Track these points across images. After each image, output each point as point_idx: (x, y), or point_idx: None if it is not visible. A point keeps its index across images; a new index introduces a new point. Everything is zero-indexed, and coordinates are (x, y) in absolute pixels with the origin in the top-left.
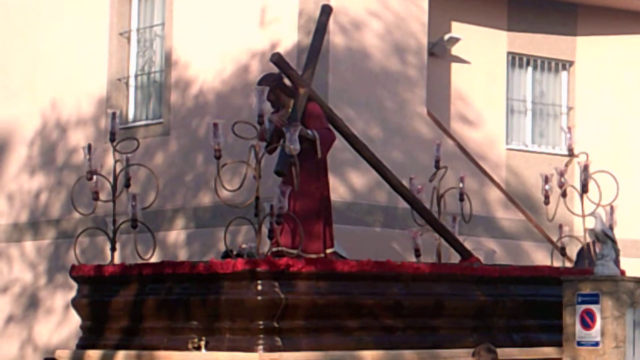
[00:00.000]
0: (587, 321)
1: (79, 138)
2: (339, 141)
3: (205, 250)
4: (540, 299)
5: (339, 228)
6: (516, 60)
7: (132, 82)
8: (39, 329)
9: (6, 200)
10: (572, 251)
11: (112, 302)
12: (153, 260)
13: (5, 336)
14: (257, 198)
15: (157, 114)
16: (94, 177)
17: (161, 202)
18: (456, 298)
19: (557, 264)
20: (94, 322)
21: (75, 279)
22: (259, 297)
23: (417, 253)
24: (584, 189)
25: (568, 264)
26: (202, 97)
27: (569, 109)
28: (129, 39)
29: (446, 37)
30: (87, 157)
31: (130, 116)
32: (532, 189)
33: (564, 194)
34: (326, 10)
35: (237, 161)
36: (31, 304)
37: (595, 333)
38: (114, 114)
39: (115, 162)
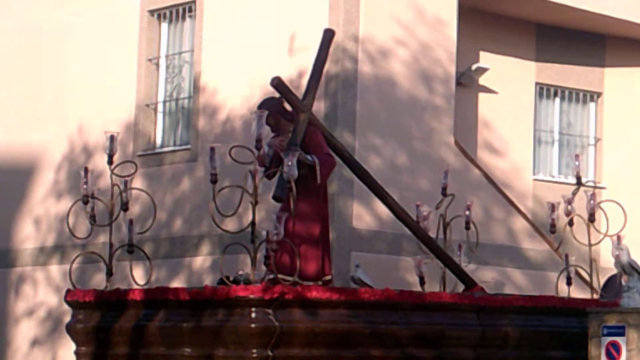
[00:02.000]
0: (613, 353)
1: (105, 163)
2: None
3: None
4: (546, 330)
5: (365, 256)
6: (544, 91)
7: (160, 108)
8: (63, 353)
9: (33, 224)
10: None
11: (106, 328)
12: (178, 285)
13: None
14: (252, 224)
15: (185, 140)
16: (91, 200)
17: (187, 227)
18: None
19: (581, 294)
20: (89, 348)
21: (69, 304)
22: (253, 325)
23: (422, 281)
24: (591, 218)
25: (595, 295)
26: (229, 123)
27: (597, 140)
28: (157, 65)
29: (474, 66)
30: (84, 180)
31: (158, 142)
32: (558, 219)
33: (570, 223)
34: (328, 35)
35: (232, 186)
36: (56, 328)
37: None
38: (112, 136)
39: (113, 186)
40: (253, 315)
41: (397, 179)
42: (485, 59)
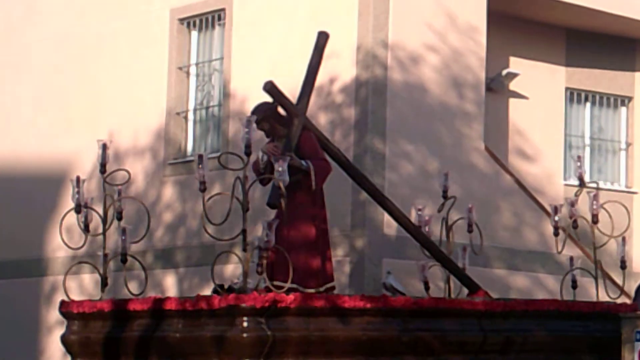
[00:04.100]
0: None
1: (136, 172)
2: (397, 174)
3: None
4: (550, 334)
5: (396, 262)
6: (574, 96)
7: (190, 115)
8: None
9: (65, 233)
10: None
11: (100, 338)
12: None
13: None
14: (243, 231)
15: (216, 148)
16: (84, 210)
17: (218, 235)
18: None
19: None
20: (84, 359)
21: (64, 314)
22: (245, 334)
23: (426, 286)
24: (594, 220)
25: (616, 296)
26: (259, 131)
27: (628, 144)
28: (187, 73)
29: (504, 72)
30: (76, 189)
31: (189, 150)
32: (589, 224)
33: (574, 225)
34: (322, 38)
35: (221, 194)
36: None
37: None
38: (104, 145)
39: (105, 195)
40: (245, 324)
41: (428, 185)
42: (515, 64)
